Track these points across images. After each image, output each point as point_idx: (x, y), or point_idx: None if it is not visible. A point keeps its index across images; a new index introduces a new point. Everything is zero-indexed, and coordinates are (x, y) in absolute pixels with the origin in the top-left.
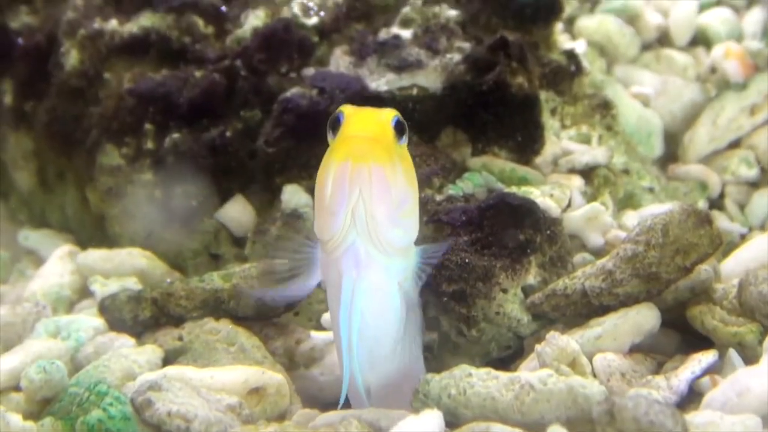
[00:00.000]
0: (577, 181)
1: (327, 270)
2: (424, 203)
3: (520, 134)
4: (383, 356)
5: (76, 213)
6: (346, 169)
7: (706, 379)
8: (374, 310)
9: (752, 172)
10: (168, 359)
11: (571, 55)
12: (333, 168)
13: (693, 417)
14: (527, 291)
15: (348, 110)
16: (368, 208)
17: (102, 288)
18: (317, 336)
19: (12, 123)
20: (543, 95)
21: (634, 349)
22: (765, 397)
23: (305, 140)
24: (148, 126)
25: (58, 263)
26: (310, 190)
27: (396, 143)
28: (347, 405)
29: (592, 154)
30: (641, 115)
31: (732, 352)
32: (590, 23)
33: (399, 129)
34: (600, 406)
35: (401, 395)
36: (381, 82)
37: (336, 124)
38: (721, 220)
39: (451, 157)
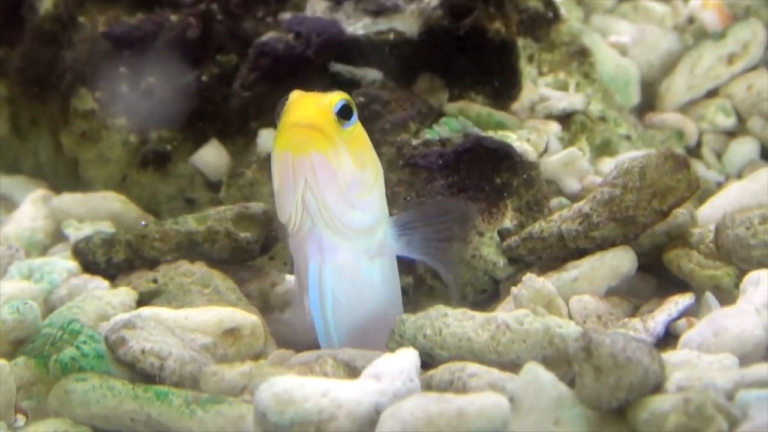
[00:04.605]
0: (554, 127)
1: (294, 250)
2: (399, 147)
3: (497, 80)
4: (366, 330)
5: (50, 159)
6: (288, 160)
7: (682, 322)
8: (346, 291)
9: (729, 121)
10: (142, 301)
11: (548, 2)
12: (276, 158)
13: (670, 356)
14: (503, 234)
15: (293, 96)
16: (317, 196)
17: (76, 232)
18: (291, 279)
19: None
20: (520, 42)
21: (610, 293)
22: (742, 337)
23: (281, 84)
24: (122, 70)
25: (32, 207)
26: None
27: (339, 127)
28: None
29: (570, 100)
30: (618, 63)
31: (708, 295)
32: None
33: (344, 113)
34: (577, 343)
35: None
36: (358, 26)
37: (282, 109)
38: (698, 169)
39: (427, 102)
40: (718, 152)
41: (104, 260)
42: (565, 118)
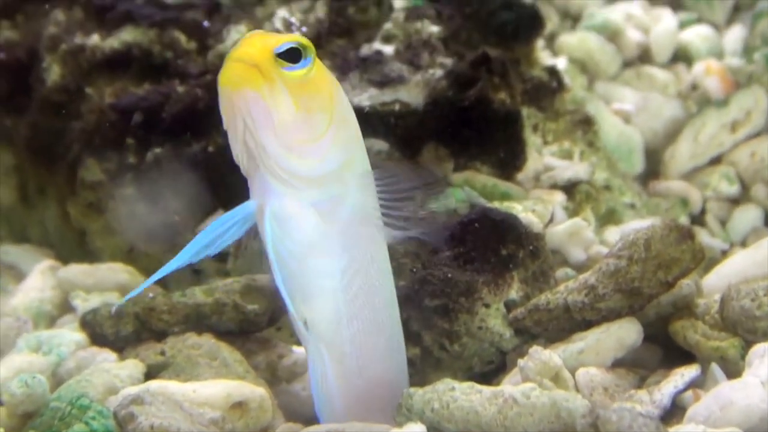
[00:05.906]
0: (559, 197)
1: (251, 192)
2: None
3: (502, 150)
4: (315, 288)
5: (57, 228)
6: (227, 95)
7: (688, 394)
8: (295, 239)
9: (733, 188)
10: (150, 374)
11: (552, 71)
12: (220, 95)
13: (676, 430)
14: (510, 306)
15: (248, 34)
16: (255, 136)
17: (83, 303)
18: (299, 351)
19: None
20: (525, 111)
21: (616, 364)
22: (748, 411)
23: None
24: (129, 141)
25: (39, 278)
26: None
27: (279, 68)
28: None
29: (574, 169)
30: (622, 131)
31: (714, 367)
32: (571, 40)
33: (288, 56)
34: (584, 419)
35: (347, 334)
36: (363, 97)
37: None
38: (702, 236)
39: (433, 172)
40: (722, 219)
41: (112, 332)
42: (570, 188)
